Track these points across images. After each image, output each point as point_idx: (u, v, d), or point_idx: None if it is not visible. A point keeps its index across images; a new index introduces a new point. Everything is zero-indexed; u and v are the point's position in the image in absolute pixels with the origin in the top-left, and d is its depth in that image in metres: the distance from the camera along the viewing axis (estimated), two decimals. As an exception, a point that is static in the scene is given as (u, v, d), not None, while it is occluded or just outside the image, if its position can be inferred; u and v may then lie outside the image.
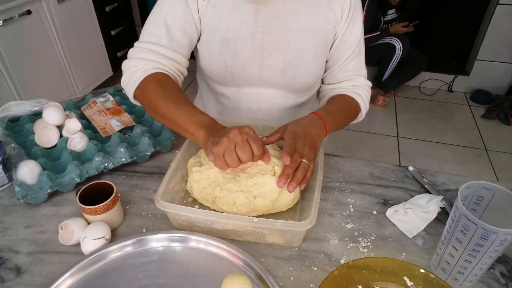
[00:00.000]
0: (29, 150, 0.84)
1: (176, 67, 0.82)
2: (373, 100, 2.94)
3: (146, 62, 0.78)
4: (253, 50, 0.82)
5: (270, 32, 0.81)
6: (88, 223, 0.67)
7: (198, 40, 0.85)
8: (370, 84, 0.91)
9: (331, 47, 0.86)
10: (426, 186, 0.80)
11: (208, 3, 0.80)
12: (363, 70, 0.90)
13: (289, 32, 0.81)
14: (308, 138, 0.70)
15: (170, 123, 0.73)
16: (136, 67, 0.78)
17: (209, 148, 0.63)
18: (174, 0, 0.78)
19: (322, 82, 0.95)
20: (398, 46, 2.73)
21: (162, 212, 0.71)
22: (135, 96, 0.79)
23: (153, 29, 0.79)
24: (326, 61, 0.89)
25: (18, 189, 0.73)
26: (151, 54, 0.78)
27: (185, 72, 0.86)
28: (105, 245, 0.63)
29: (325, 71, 0.91)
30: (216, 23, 0.81)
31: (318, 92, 0.99)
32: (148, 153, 0.86)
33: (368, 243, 0.68)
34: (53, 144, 0.87)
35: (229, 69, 0.84)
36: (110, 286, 0.59)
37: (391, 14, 2.79)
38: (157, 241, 0.65)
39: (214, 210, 0.71)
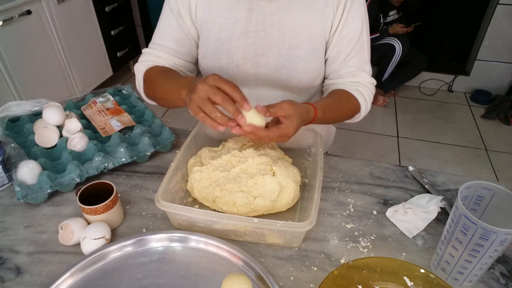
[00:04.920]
0: (29, 150, 0.84)
1: (172, 66, 0.89)
2: (373, 100, 2.93)
3: (144, 63, 0.89)
4: (246, 48, 0.83)
5: (263, 30, 0.82)
6: (88, 223, 0.67)
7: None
8: (374, 82, 0.89)
9: (328, 42, 0.84)
10: (426, 186, 0.80)
11: (201, 8, 0.83)
12: (367, 67, 0.88)
13: (283, 30, 0.81)
14: (291, 128, 0.66)
15: (165, 101, 0.82)
16: (138, 69, 0.90)
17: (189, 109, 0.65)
18: (167, 12, 0.86)
19: (326, 78, 0.93)
20: (398, 46, 2.73)
21: (162, 212, 0.71)
22: (145, 93, 0.89)
23: (153, 39, 0.90)
24: (327, 58, 0.87)
25: (18, 189, 0.73)
26: (149, 56, 0.89)
27: (187, 72, 0.93)
28: (105, 245, 0.63)
29: (327, 68, 0.89)
30: (211, 26, 0.84)
31: (322, 92, 0.97)
32: (148, 153, 0.86)
33: (368, 243, 0.68)
34: (53, 144, 0.87)
35: (225, 69, 0.85)
36: (110, 286, 0.59)
37: (393, 15, 2.79)
38: (157, 241, 0.65)
39: (214, 210, 0.71)
